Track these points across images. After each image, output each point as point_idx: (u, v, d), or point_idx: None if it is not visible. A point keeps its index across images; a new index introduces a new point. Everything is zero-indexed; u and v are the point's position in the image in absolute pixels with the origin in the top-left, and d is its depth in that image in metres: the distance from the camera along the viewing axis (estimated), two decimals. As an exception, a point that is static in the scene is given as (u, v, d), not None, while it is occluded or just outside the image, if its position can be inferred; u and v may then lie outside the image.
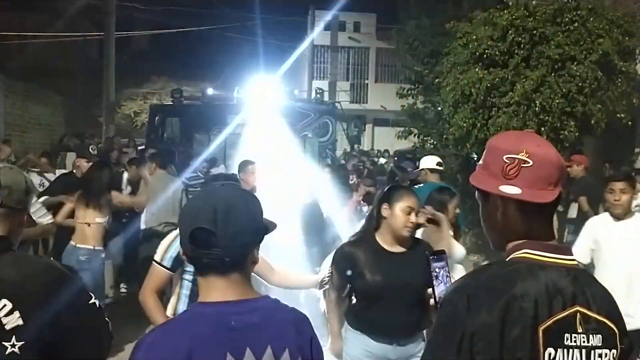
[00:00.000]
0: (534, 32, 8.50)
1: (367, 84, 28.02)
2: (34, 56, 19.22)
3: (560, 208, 6.95)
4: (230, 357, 1.51)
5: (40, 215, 4.36)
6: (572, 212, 7.37)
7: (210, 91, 12.85)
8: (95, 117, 19.97)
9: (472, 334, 1.37)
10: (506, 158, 1.49)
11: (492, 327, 1.37)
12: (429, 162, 6.83)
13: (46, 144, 15.85)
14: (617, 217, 4.26)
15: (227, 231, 1.53)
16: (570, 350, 1.41)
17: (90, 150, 6.03)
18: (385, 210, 3.32)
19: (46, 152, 10.20)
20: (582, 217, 7.26)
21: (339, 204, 6.36)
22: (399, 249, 3.34)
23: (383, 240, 3.35)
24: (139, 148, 15.66)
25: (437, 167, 6.81)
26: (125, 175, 8.00)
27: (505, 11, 8.73)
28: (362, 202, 6.74)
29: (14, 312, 1.74)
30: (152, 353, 1.49)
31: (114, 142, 13.81)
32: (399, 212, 3.28)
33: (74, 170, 7.25)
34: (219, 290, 1.57)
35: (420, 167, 6.88)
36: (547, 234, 1.51)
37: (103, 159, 6.17)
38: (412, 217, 3.28)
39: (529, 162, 1.46)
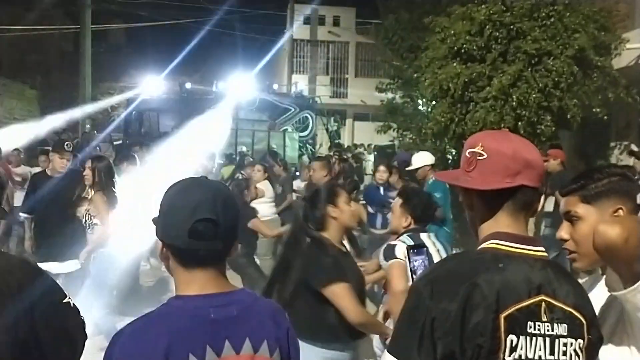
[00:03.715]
0: (511, 27, 8.56)
1: (347, 78, 27.98)
2: (9, 49, 18.89)
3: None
4: (209, 349, 1.50)
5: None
6: (549, 206, 7.44)
7: (188, 85, 12.74)
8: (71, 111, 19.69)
9: (433, 320, 1.39)
10: (468, 153, 1.58)
11: (453, 313, 1.39)
12: (429, 158, 7.03)
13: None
14: None
15: (227, 221, 1.53)
16: (534, 338, 1.43)
17: (65, 146, 5.81)
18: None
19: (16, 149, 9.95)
20: (559, 211, 7.37)
21: None
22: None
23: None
24: (115, 143, 15.50)
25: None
26: None
27: (482, 6, 8.79)
28: None
29: None
30: (131, 346, 1.47)
31: (90, 137, 13.66)
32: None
33: (47, 169, 6.29)
34: (198, 283, 1.56)
35: (422, 164, 6.95)
36: (516, 226, 1.53)
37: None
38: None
39: (483, 155, 1.54)
